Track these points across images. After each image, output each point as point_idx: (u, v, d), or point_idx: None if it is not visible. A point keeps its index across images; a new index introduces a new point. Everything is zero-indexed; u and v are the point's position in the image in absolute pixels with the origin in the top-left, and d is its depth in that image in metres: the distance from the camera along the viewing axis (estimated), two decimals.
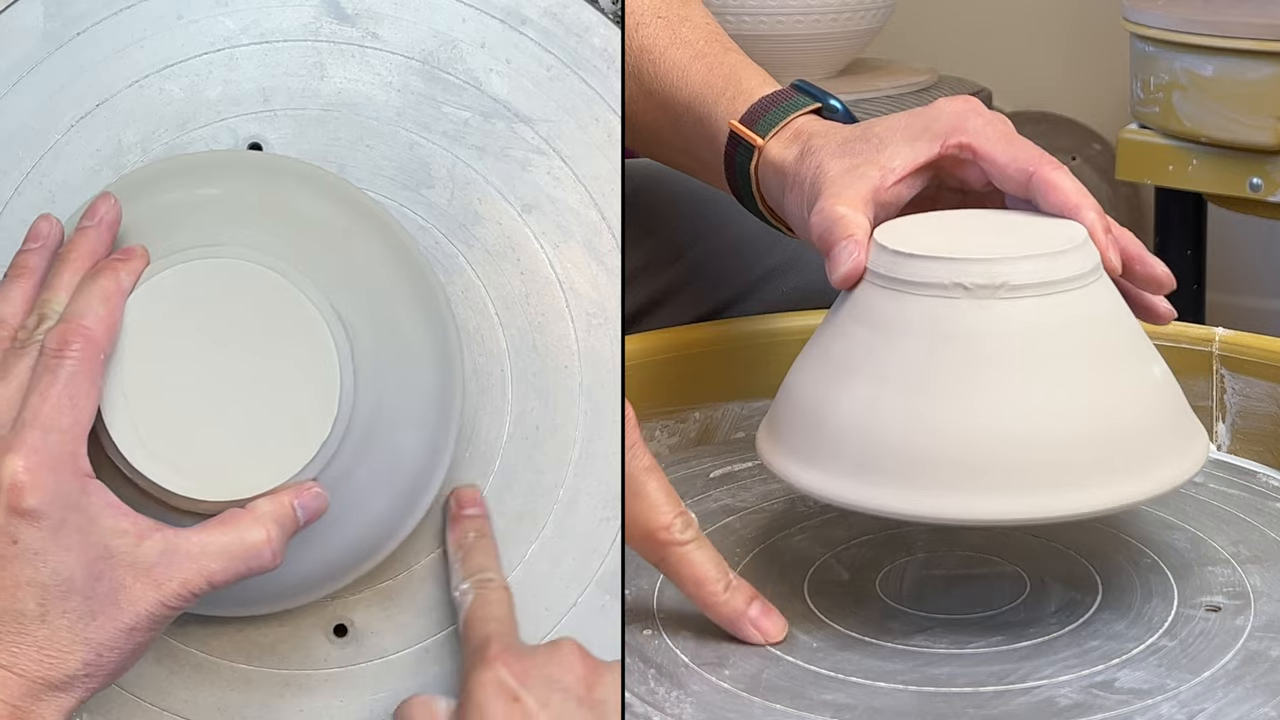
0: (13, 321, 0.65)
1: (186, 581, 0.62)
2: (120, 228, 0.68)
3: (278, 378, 0.66)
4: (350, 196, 0.70)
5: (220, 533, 0.63)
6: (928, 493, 0.67)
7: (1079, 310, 0.70)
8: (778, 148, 0.84)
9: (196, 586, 0.63)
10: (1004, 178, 0.77)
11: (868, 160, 0.79)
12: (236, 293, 0.66)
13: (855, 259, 0.73)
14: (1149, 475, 0.68)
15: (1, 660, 0.60)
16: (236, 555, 0.63)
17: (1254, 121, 1.85)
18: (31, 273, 0.66)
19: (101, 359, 0.63)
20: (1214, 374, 0.91)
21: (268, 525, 0.64)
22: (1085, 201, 0.74)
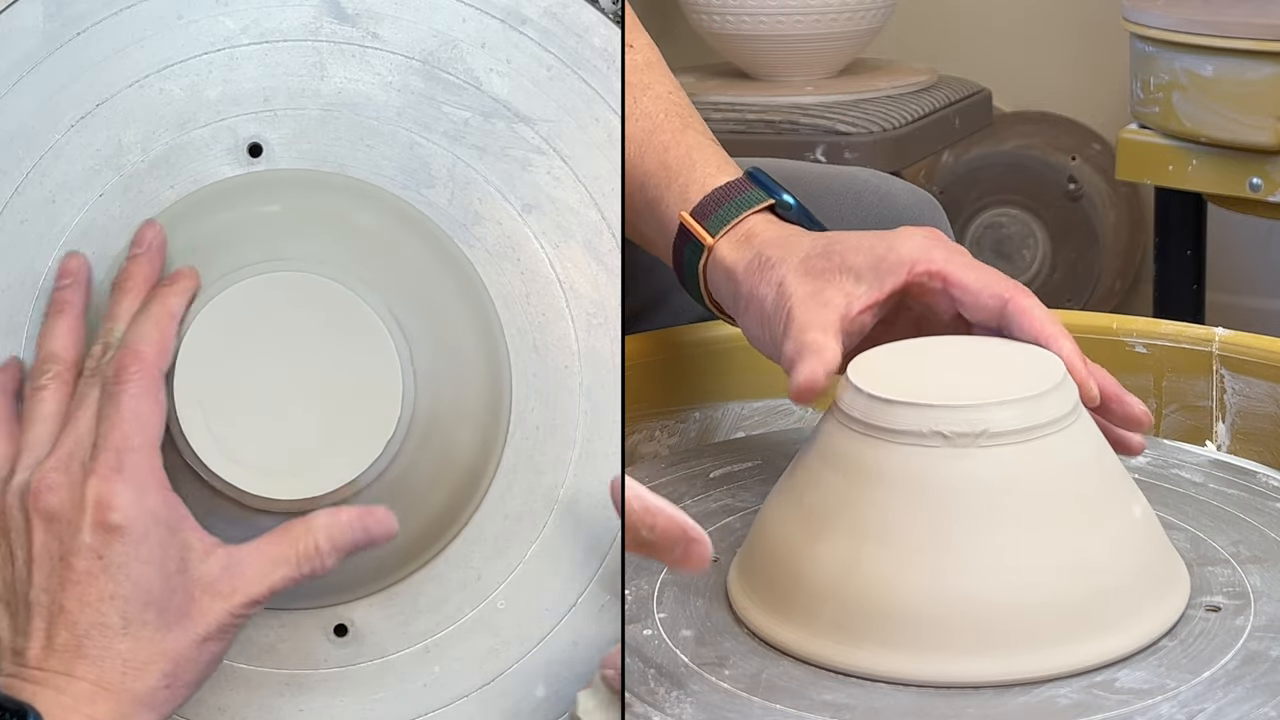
0: (65, 355, 0.69)
1: (249, 591, 0.66)
2: (186, 244, 0.70)
3: (343, 382, 0.69)
4: (396, 206, 0.72)
5: (276, 544, 0.67)
6: (907, 655, 0.67)
7: (1060, 455, 0.69)
8: (728, 248, 0.83)
9: (259, 595, 0.66)
10: (976, 305, 0.76)
11: (832, 285, 0.78)
12: (302, 303, 0.69)
13: (812, 372, 0.73)
14: (1130, 629, 0.68)
15: (90, 675, 0.63)
16: (292, 563, 0.67)
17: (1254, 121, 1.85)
18: (71, 307, 0.70)
19: (159, 378, 0.67)
20: (1214, 374, 0.91)
21: (318, 535, 0.67)
22: (1059, 331, 0.74)
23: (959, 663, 0.66)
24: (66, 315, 0.69)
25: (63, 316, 0.69)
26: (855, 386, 0.70)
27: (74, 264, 0.70)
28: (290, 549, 0.67)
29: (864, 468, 0.69)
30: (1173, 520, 0.79)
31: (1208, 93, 1.88)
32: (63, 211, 0.71)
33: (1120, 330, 0.95)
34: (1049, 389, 0.69)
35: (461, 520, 0.72)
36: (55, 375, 0.68)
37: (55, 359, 0.68)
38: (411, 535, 0.71)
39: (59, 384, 0.68)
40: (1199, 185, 1.98)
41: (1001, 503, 0.67)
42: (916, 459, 0.68)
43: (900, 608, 0.67)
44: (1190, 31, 1.89)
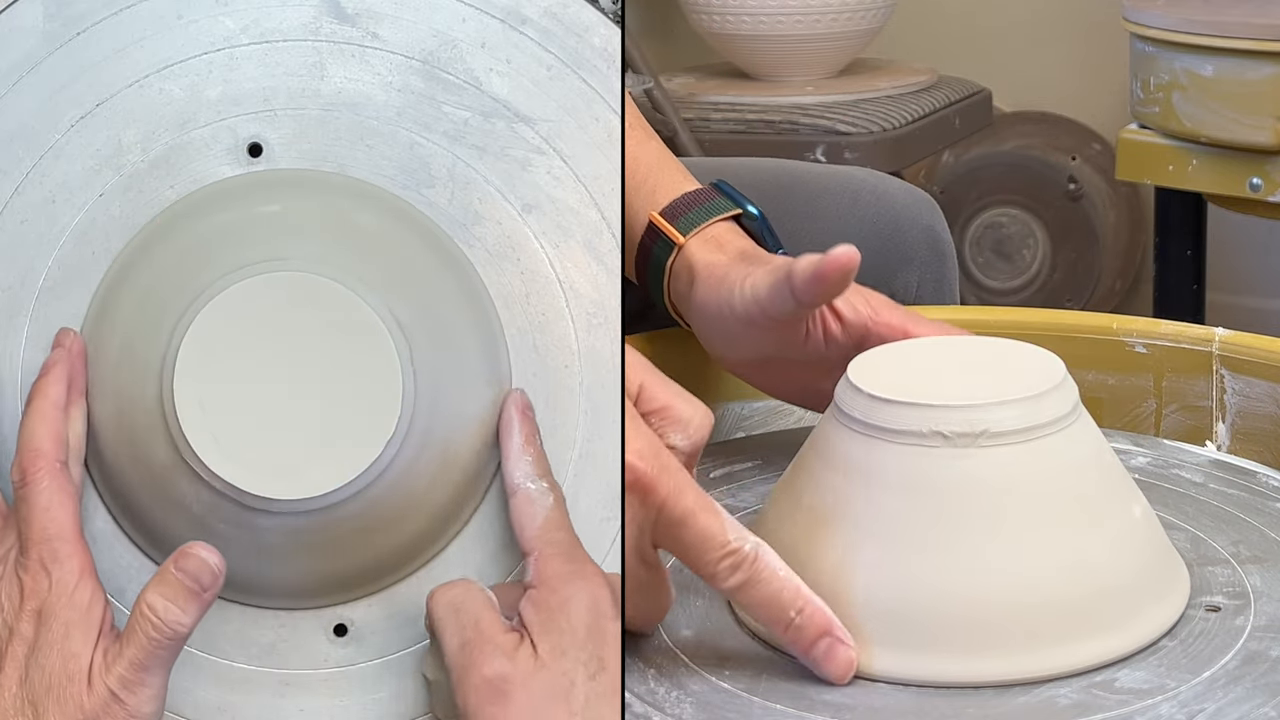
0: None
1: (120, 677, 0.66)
2: (186, 244, 0.71)
3: (343, 382, 0.69)
4: (396, 206, 0.72)
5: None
6: (907, 655, 0.66)
7: (1060, 455, 0.69)
8: (698, 249, 0.87)
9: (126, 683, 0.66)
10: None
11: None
12: (302, 303, 0.69)
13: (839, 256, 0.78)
14: (1130, 629, 0.68)
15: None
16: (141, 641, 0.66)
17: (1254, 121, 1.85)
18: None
19: (62, 469, 0.68)
20: (1214, 374, 0.91)
21: (147, 597, 0.66)
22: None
23: (959, 663, 0.66)
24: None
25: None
26: (855, 386, 0.70)
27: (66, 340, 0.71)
28: (135, 628, 0.66)
29: (864, 468, 0.69)
30: (1173, 520, 0.79)
31: (1208, 93, 1.88)
32: (63, 211, 0.72)
33: (1120, 330, 0.95)
34: (1049, 389, 0.69)
35: (461, 520, 0.72)
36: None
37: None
38: (411, 535, 0.71)
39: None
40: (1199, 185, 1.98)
41: (1001, 503, 0.67)
42: (916, 459, 0.68)
43: (900, 608, 0.67)
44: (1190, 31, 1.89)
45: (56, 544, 0.66)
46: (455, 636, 0.66)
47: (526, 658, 0.64)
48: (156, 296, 0.70)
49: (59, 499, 0.67)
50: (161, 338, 0.69)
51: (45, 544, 0.66)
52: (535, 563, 0.67)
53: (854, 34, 2.25)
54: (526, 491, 0.69)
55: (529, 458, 0.70)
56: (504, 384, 0.72)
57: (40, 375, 0.70)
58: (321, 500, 0.69)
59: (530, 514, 0.68)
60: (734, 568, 0.66)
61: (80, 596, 0.66)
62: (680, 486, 0.66)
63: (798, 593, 0.66)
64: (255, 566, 0.70)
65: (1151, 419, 0.93)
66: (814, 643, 0.66)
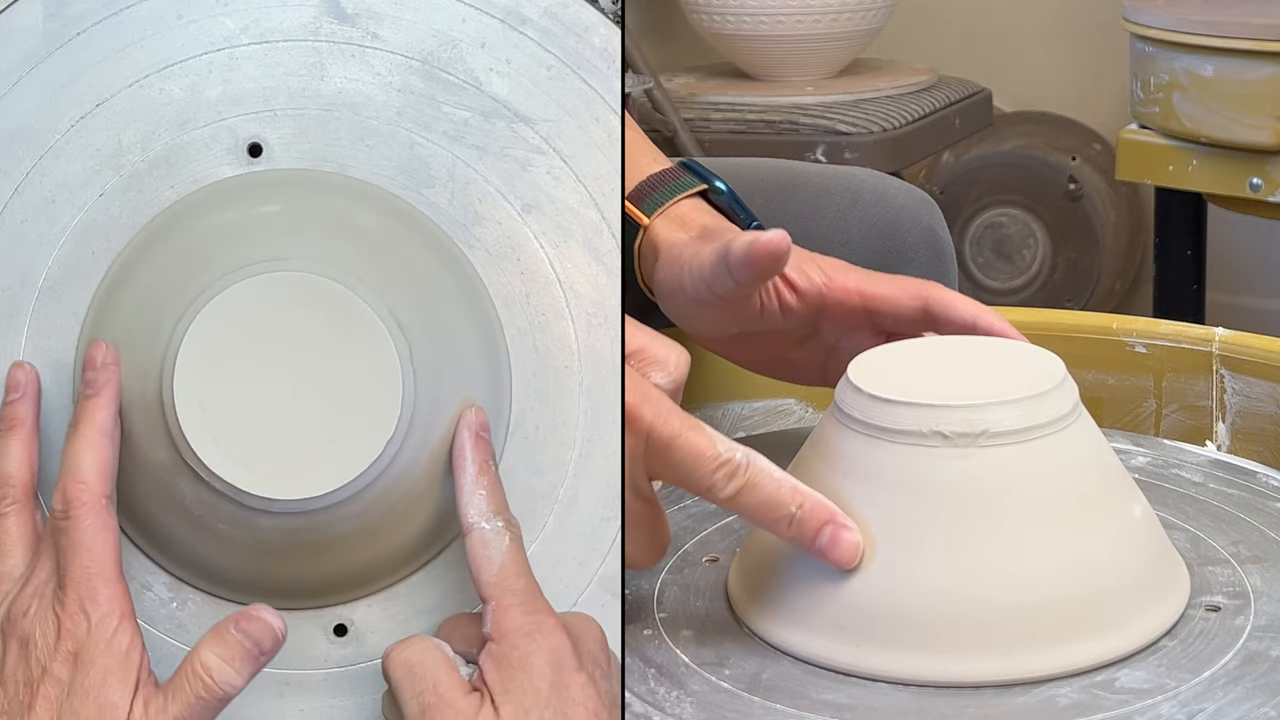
0: (20, 477, 0.68)
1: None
2: (186, 244, 0.70)
3: (343, 382, 0.68)
4: (396, 206, 0.71)
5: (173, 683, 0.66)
6: (907, 655, 0.66)
7: (1060, 455, 0.69)
8: (663, 228, 0.88)
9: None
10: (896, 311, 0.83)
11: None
12: (302, 303, 0.69)
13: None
14: (1130, 629, 0.68)
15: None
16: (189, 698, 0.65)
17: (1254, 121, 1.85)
18: (22, 423, 0.69)
19: (107, 505, 0.66)
20: (1214, 374, 0.91)
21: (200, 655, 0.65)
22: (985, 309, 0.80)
23: (959, 663, 0.66)
24: (18, 433, 0.69)
25: (13, 434, 0.69)
26: (855, 386, 0.70)
27: (21, 375, 0.70)
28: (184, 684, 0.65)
29: (864, 467, 0.69)
30: (1173, 520, 0.79)
31: (1208, 93, 1.88)
32: (63, 211, 0.72)
33: (1120, 330, 0.95)
34: (1049, 389, 0.69)
35: None
36: (13, 501, 0.68)
37: (10, 482, 0.68)
38: (411, 535, 0.71)
39: (18, 510, 0.68)
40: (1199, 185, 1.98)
41: (1001, 503, 0.67)
42: (916, 459, 0.68)
43: (900, 607, 0.67)
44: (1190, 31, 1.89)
45: (97, 584, 0.64)
46: (414, 700, 0.64)
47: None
48: (156, 296, 0.70)
49: (102, 536, 0.65)
50: (161, 338, 0.69)
51: (86, 583, 0.64)
52: (494, 614, 0.65)
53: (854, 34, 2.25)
54: (481, 532, 0.67)
55: (482, 491, 0.68)
56: (504, 384, 0.72)
57: (88, 395, 0.68)
58: (321, 500, 0.69)
59: (486, 557, 0.66)
60: (729, 477, 0.67)
61: (119, 641, 0.64)
62: (665, 412, 0.68)
63: (795, 490, 0.67)
64: (255, 566, 0.70)
65: (1151, 419, 0.93)
66: (818, 532, 0.67)
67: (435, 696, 0.64)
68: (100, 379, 0.68)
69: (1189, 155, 1.95)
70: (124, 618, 0.65)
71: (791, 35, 2.22)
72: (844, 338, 0.86)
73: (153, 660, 0.71)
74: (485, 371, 0.71)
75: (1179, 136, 1.95)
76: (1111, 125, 2.43)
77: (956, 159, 2.65)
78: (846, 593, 0.68)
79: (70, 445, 0.67)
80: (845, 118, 2.13)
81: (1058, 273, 2.64)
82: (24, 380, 0.69)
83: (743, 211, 0.90)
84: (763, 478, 0.67)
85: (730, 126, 2.17)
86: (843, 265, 0.85)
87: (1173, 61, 1.92)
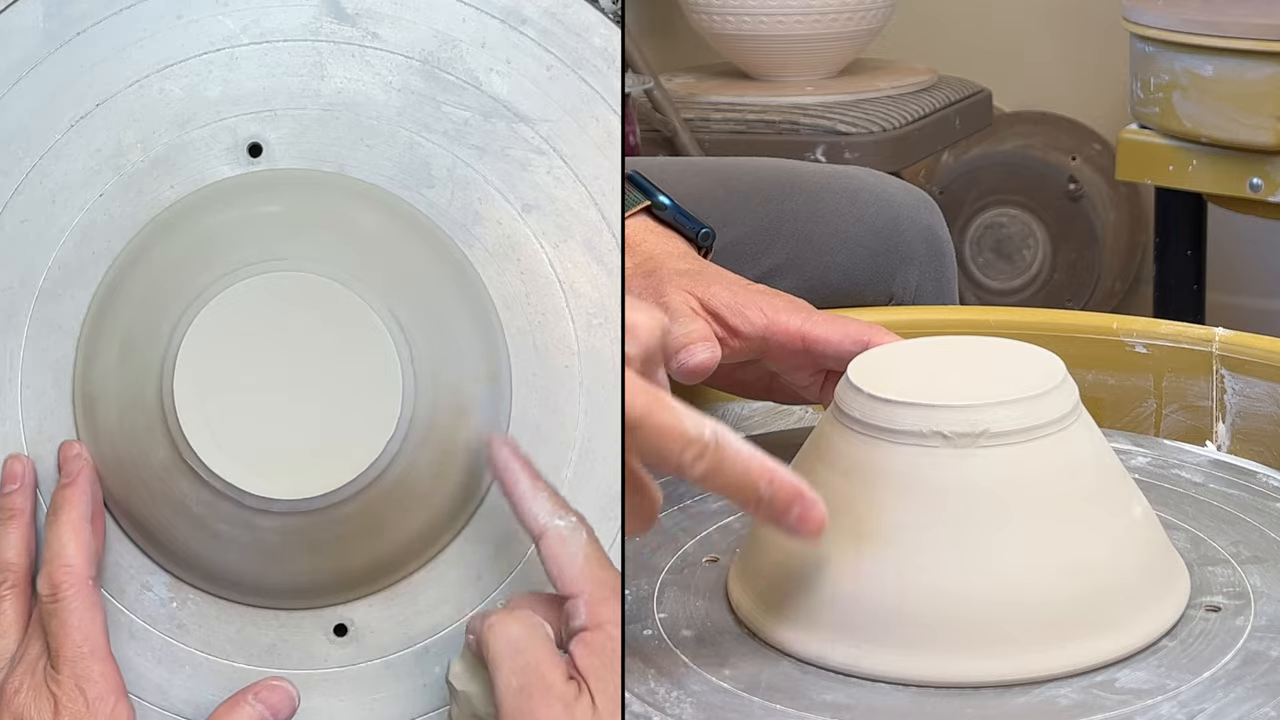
0: (18, 563, 0.70)
1: None
2: (186, 244, 0.71)
3: (343, 382, 0.69)
4: (396, 206, 0.72)
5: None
6: (907, 655, 0.66)
7: (1060, 455, 0.69)
8: None
9: None
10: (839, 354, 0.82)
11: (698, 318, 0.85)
12: (301, 303, 0.69)
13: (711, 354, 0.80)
14: (1130, 629, 0.68)
15: None
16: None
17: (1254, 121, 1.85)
18: (20, 513, 0.71)
19: (92, 585, 0.68)
20: (1214, 374, 0.91)
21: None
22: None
23: (959, 663, 0.66)
24: (16, 522, 0.70)
25: (13, 524, 0.70)
26: (855, 386, 0.70)
27: (18, 467, 0.71)
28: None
29: (864, 468, 0.69)
30: (1173, 520, 0.79)
31: (1208, 93, 1.88)
32: (63, 211, 0.72)
33: (1120, 330, 0.95)
34: (1049, 389, 0.69)
35: (461, 520, 0.72)
36: (11, 585, 0.70)
37: (9, 568, 0.70)
38: (411, 535, 0.71)
39: (15, 593, 0.70)
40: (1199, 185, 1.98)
41: (1001, 503, 0.67)
42: (916, 459, 0.68)
43: (900, 608, 0.67)
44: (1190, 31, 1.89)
45: (91, 663, 0.67)
46: (514, 676, 0.64)
47: (585, 711, 0.63)
48: (156, 296, 0.70)
49: (90, 616, 0.67)
50: (161, 338, 0.69)
51: (79, 662, 0.67)
52: (587, 605, 0.65)
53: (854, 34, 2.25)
54: (557, 530, 0.67)
55: (543, 494, 0.68)
56: (504, 384, 0.72)
57: (65, 484, 0.70)
58: (321, 500, 0.69)
59: (569, 554, 0.66)
60: (698, 457, 0.65)
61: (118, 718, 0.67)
62: (631, 391, 0.66)
63: (764, 466, 0.65)
64: (255, 566, 0.70)
65: (1151, 419, 0.93)
66: (785, 512, 0.65)
67: (536, 676, 0.64)
68: (74, 467, 0.70)
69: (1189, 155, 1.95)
70: (120, 695, 0.67)
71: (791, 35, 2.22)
72: (785, 372, 0.86)
73: (153, 660, 0.71)
74: (485, 372, 0.71)
75: (1179, 136, 1.95)
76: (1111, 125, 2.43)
77: (956, 159, 2.65)
78: (846, 593, 0.68)
79: (53, 532, 0.69)
80: (845, 118, 2.13)
81: (1058, 273, 2.64)
82: (21, 471, 0.71)
83: (689, 222, 0.90)
84: (731, 455, 0.65)
85: (730, 126, 2.17)
86: (787, 304, 0.85)
87: (1173, 61, 1.92)
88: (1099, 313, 1.01)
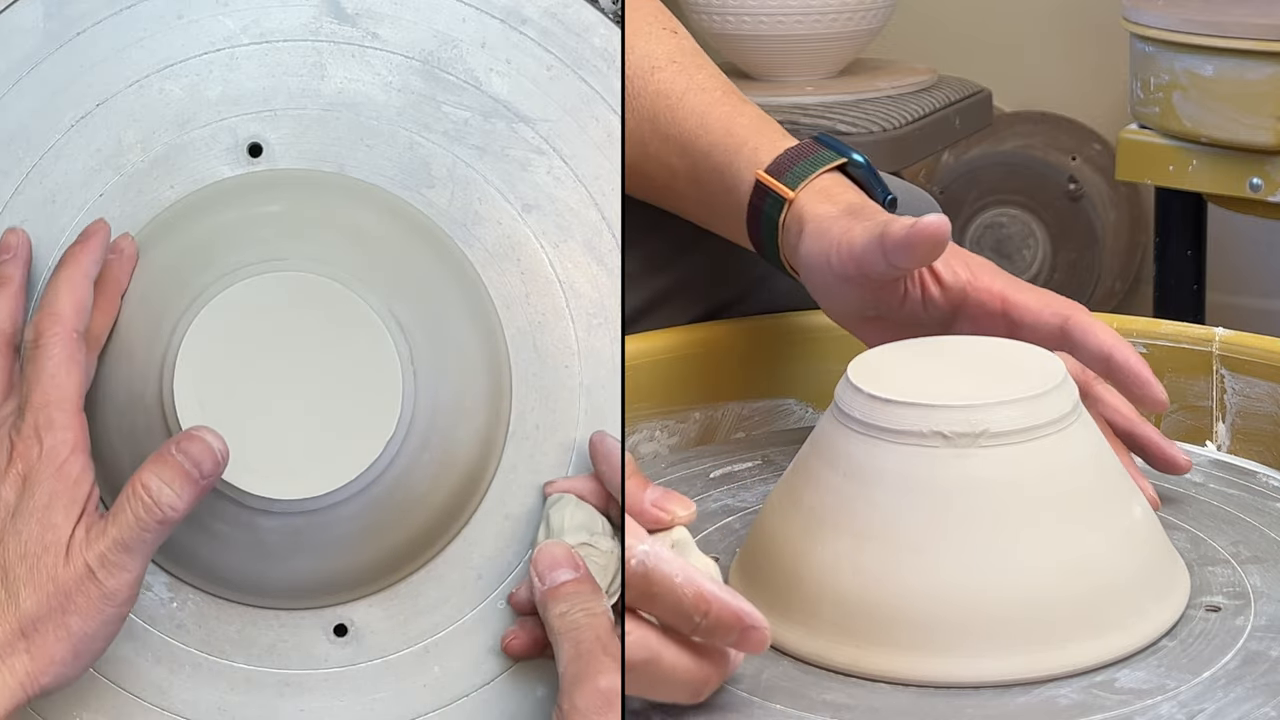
0: (4, 328, 0.69)
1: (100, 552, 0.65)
2: (186, 244, 0.71)
3: (343, 382, 0.69)
4: (396, 206, 0.72)
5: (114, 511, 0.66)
6: (907, 655, 0.66)
7: (1060, 455, 0.69)
8: (807, 200, 0.86)
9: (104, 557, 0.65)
10: (1037, 324, 0.81)
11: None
12: (301, 303, 0.69)
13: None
14: (1130, 629, 0.68)
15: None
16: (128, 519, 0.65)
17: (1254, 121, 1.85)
18: (10, 280, 0.70)
19: (76, 338, 0.67)
20: (1214, 374, 0.91)
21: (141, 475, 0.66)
22: (1124, 344, 0.80)
23: (959, 663, 0.66)
24: (6, 289, 0.70)
25: (3, 290, 0.70)
26: (855, 386, 0.70)
27: (13, 239, 0.71)
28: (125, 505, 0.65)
29: (864, 468, 0.69)
30: (1173, 520, 0.79)
31: (1208, 93, 1.88)
32: (63, 211, 0.72)
33: (1120, 330, 0.94)
34: (1049, 389, 0.69)
35: (461, 520, 0.72)
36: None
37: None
38: (411, 535, 0.71)
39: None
40: (1199, 185, 1.98)
41: (1001, 503, 0.67)
42: (916, 459, 0.68)
43: (900, 607, 0.67)
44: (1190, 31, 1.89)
45: (54, 412, 0.65)
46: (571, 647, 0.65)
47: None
48: (156, 296, 0.70)
49: (66, 367, 0.66)
50: (161, 338, 0.69)
51: (43, 410, 0.65)
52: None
53: (854, 34, 2.25)
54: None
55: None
56: (504, 384, 0.72)
57: (77, 241, 0.69)
58: (322, 500, 0.69)
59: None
60: (627, 588, 0.63)
61: (70, 469, 0.65)
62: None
63: (699, 596, 0.62)
64: (255, 566, 0.70)
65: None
66: (725, 640, 0.63)
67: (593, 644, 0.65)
68: (93, 229, 0.70)
69: (1189, 155, 1.95)
70: (76, 448, 0.65)
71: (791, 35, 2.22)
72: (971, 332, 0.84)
73: (153, 659, 0.71)
74: (485, 371, 0.71)
75: (1179, 136, 1.95)
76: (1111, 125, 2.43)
77: (956, 159, 2.65)
78: (846, 593, 0.68)
79: (50, 284, 0.68)
80: (845, 118, 2.13)
81: (1058, 273, 2.64)
82: (15, 243, 0.71)
83: (879, 186, 0.89)
84: (663, 586, 0.62)
85: None
86: (989, 266, 0.84)
87: (1173, 61, 1.91)
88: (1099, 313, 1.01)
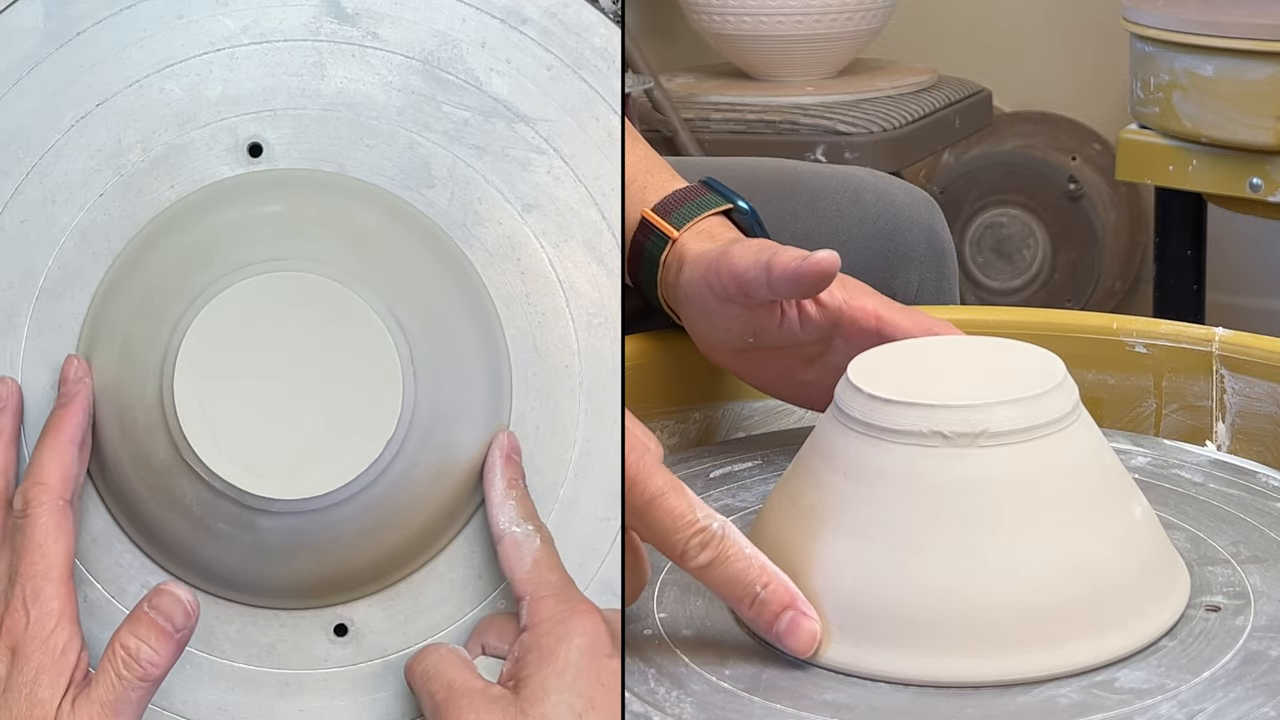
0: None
1: None
2: (186, 244, 0.71)
3: (343, 382, 0.69)
4: (396, 206, 0.72)
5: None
6: (907, 655, 0.66)
7: (1060, 455, 0.69)
8: (691, 240, 0.90)
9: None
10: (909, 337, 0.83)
11: None
12: (302, 303, 0.69)
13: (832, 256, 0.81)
14: (1130, 629, 0.68)
15: None
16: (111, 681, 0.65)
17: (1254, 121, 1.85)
18: (2, 434, 0.70)
19: (65, 507, 0.67)
20: (1214, 374, 0.91)
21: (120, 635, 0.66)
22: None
23: (959, 663, 0.66)
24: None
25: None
26: (855, 386, 0.70)
27: (3, 390, 0.71)
28: (107, 667, 0.65)
29: (864, 468, 0.69)
30: (1173, 520, 0.79)
31: (1208, 93, 1.88)
32: (63, 211, 0.72)
33: (1120, 330, 0.95)
34: (1049, 389, 0.69)
35: (462, 520, 0.72)
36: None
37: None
38: (411, 535, 0.71)
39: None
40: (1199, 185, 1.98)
41: (1001, 503, 0.67)
42: (916, 459, 0.68)
43: (900, 607, 0.67)
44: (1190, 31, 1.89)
45: (41, 582, 0.65)
46: (429, 700, 0.66)
47: (506, 703, 0.64)
48: (156, 296, 0.70)
49: (54, 536, 0.66)
50: (161, 338, 0.69)
51: (31, 580, 0.65)
52: (529, 606, 0.67)
53: (854, 34, 2.25)
54: (512, 536, 0.69)
55: (512, 502, 0.70)
56: (504, 384, 0.72)
57: (60, 406, 0.69)
58: (321, 500, 0.69)
59: (518, 557, 0.68)
60: (702, 545, 0.67)
61: (56, 641, 0.65)
62: (649, 469, 0.68)
63: (763, 569, 0.67)
64: (255, 566, 0.70)
65: (1151, 419, 0.93)
66: (777, 616, 0.67)
67: (448, 691, 0.65)
68: (72, 391, 0.70)
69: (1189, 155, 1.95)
70: (63, 618, 0.65)
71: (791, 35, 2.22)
72: (840, 356, 0.86)
73: None
74: (485, 371, 0.71)
75: (1179, 136, 1.95)
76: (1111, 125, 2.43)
77: (956, 159, 2.65)
78: (846, 593, 0.68)
79: (37, 451, 0.68)
80: (845, 118, 2.13)
81: (1058, 273, 2.64)
82: (5, 394, 0.71)
83: (761, 231, 0.93)
84: (734, 551, 0.67)
85: (730, 126, 2.17)
86: (863, 287, 0.87)
87: (1173, 61, 1.92)
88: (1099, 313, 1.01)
